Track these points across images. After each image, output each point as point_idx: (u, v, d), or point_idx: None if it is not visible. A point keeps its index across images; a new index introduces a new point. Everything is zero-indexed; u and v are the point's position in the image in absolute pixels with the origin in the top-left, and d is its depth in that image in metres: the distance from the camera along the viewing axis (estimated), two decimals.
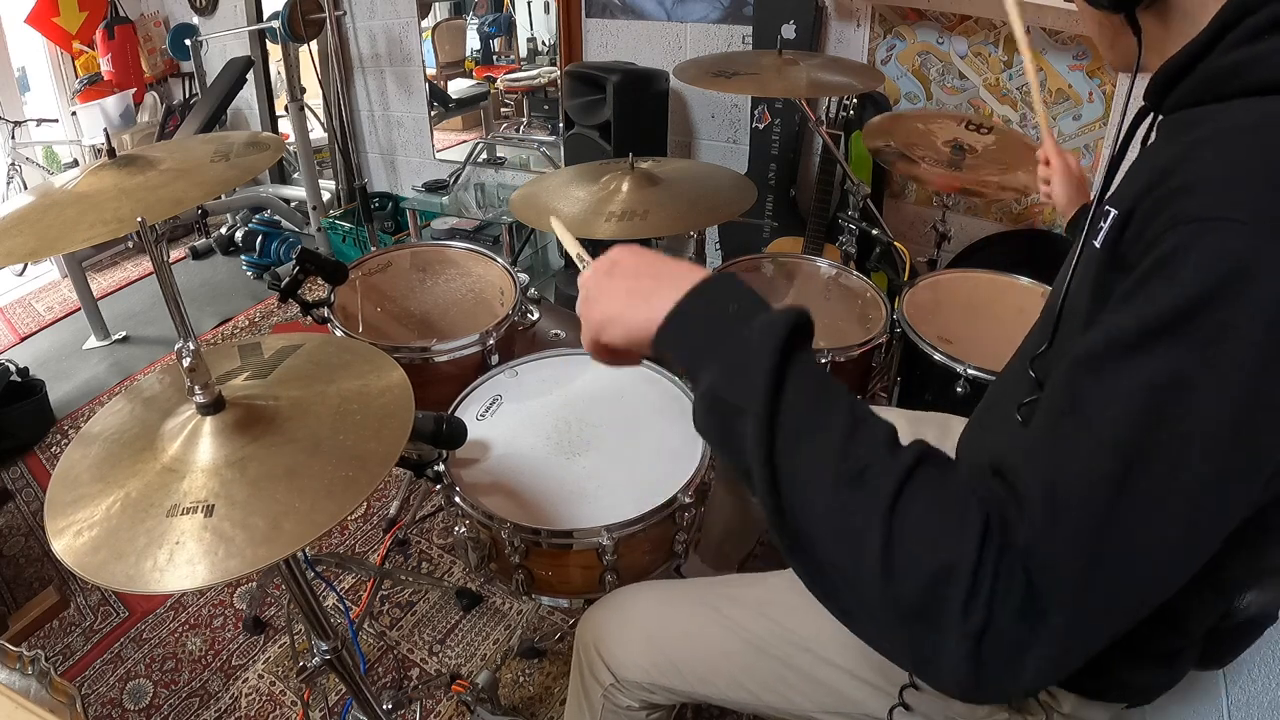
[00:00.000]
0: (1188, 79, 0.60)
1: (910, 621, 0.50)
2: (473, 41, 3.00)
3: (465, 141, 3.15)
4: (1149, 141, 0.67)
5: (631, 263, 0.64)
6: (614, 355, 0.66)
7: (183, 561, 0.64)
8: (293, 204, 3.49)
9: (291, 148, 3.16)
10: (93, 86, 3.55)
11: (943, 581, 0.49)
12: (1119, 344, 0.50)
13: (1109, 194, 0.64)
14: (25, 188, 3.25)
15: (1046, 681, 0.50)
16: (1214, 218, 0.49)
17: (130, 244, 3.50)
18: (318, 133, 3.27)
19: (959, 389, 1.30)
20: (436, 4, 2.97)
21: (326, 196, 3.27)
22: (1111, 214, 0.59)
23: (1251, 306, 0.47)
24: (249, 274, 3.24)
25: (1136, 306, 0.50)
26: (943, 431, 1.06)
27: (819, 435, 0.53)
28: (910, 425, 1.08)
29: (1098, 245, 0.59)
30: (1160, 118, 0.66)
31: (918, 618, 0.50)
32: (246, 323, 2.94)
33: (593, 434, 1.18)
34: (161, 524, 0.67)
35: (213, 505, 0.68)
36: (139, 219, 0.92)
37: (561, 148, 2.65)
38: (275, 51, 3.25)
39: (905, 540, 0.49)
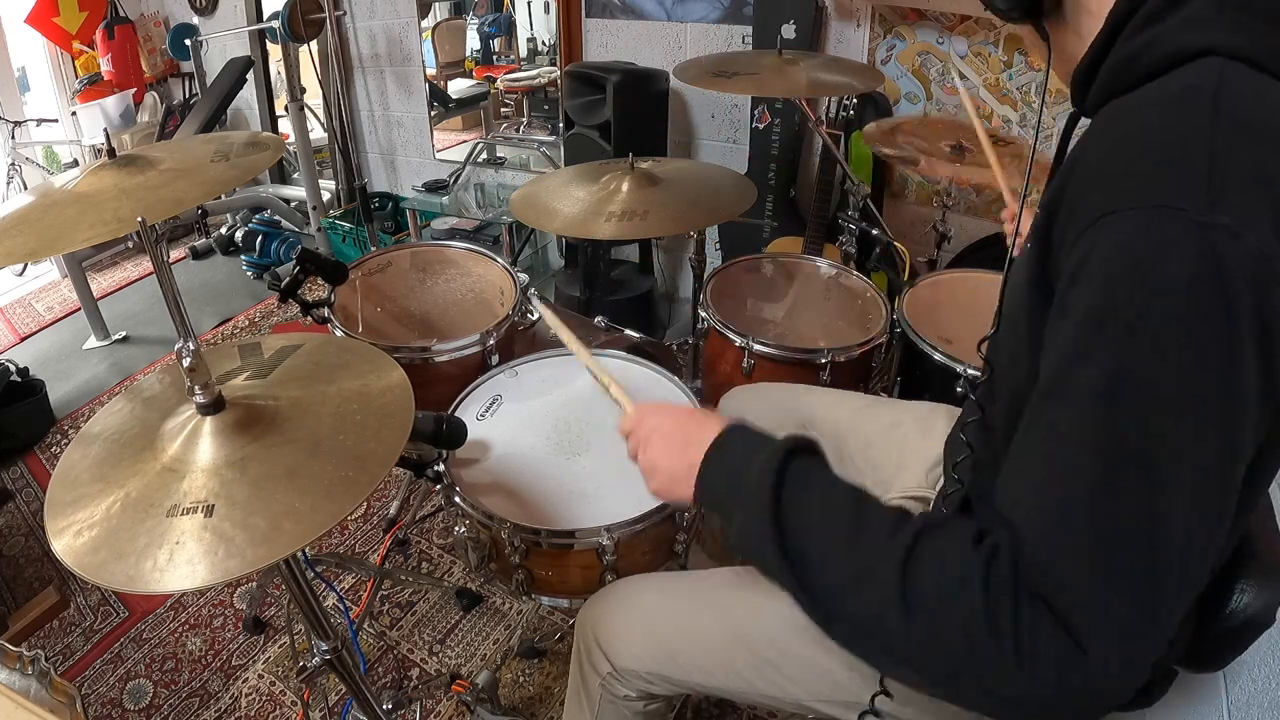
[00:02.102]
0: (1099, 76, 0.62)
1: (970, 674, 0.54)
2: (473, 41, 2.99)
3: (465, 141, 3.15)
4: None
5: (661, 434, 0.77)
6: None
7: (183, 561, 0.64)
8: (293, 204, 3.49)
9: (291, 148, 3.16)
10: (93, 86, 3.55)
11: (970, 632, 0.53)
12: (1064, 361, 0.53)
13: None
14: (25, 188, 3.25)
15: (1134, 678, 0.52)
16: (1107, 213, 0.52)
17: (130, 244, 3.50)
18: (318, 133, 3.27)
19: (959, 389, 1.30)
20: (436, 4, 2.97)
21: (326, 196, 3.27)
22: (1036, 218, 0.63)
23: (1160, 284, 0.49)
24: (249, 274, 3.24)
25: (1068, 322, 0.53)
26: (949, 424, 1.06)
27: (826, 540, 0.61)
28: (918, 421, 1.09)
29: (1028, 244, 0.63)
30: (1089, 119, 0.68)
31: (969, 669, 0.54)
32: (246, 323, 2.94)
33: (593, 434, 1.18)
34: (161, 524, 0.67)
35: (213, 505, 0.68)
36: (139, 219, 0.92)
37: (561, 148, 2.65)
38: (275, 51, 3.25)
39: (923, 612, 0.55)
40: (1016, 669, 0.52)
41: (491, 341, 1.40)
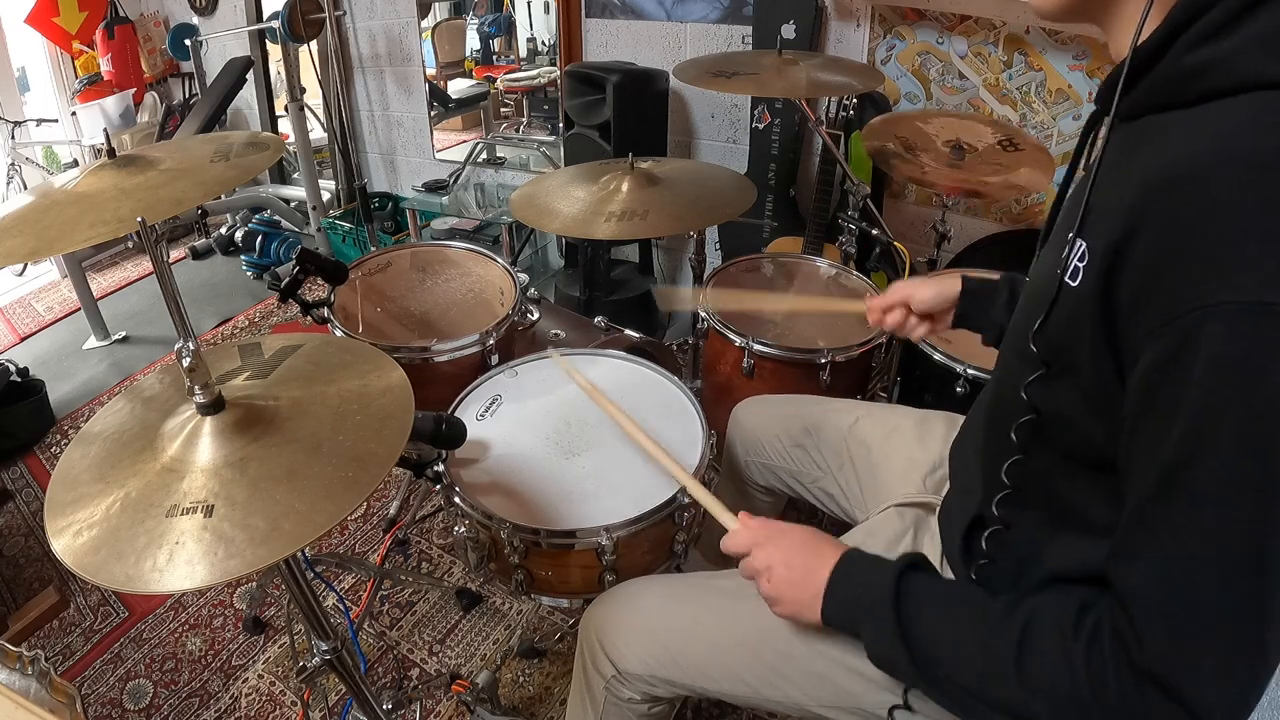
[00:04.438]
0: (1144, 81, 0.58)
1: None
2: (473, 41, 3.00)
3: (465, 141, 3.15)
4: (1108, 146, 0.64)
5: (781, 566, 0.79)
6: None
7: (182, 562, 0.64)
8: (293, 204, 3.49)
9: (291, 148, 3.16)
10: (93, 86, 3.55)
11: (1083, 703, 0.59)
12: (1170, 467, 0.53)
13: (1076, 226, 0.61)
14: (25, 188, 3.24)
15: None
16: (1201, 306, 0.49)
17: (130, 244, 3.50)
18: (318, 133, 3.27)
19: (959, 389, 1.30)
20: (436, 4, 2.97)
21: (326, 196, 3.27)
22: (1082, 247, 0.59)
23: (1269, 388, 0.48)
24: (249, 274, 3.25)
25: (1168, 421, 0.52)
26: (950, 429, 1.06)
27: (947, 644, 0.69)
28: (916, 427, 1.09)
29: (1073, 284, 0.59)
30: (1117, 123, 0.64)
31: None
32: (246, 323, 2.94)
33: (592, 434, 1.18)
34: (161, 524, 0.67)
35: (212, 505, 0.67)
36: (139, 219, 0.92)
37: (561, 148, 2.65)
38: (275, 51, 3.25)
39: (1040, 693, 0.62)
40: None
41: (491, 341, 1.40)
